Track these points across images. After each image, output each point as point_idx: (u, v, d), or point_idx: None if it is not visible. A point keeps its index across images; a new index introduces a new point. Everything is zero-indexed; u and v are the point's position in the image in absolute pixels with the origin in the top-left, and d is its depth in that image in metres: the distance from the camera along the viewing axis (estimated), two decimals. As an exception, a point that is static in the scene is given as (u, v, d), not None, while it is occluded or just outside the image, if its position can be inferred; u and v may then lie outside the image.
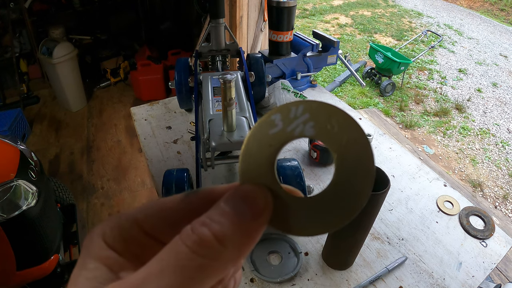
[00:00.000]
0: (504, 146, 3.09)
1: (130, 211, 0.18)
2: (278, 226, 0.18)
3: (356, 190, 0.17)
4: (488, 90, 3.97)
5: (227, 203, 0.16)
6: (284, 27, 1.14)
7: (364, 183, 0.17)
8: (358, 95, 3.62)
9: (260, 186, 0.18)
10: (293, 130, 0.18)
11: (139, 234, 0.17)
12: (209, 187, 0.18)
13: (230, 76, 0.60)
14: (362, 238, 0.65)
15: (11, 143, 1.25)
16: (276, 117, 0.18)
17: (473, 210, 0.83)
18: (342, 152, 0.17)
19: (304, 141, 1.03)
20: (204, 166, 0.73)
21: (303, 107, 0.17)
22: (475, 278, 0.69)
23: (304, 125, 0.17)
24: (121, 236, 0.17)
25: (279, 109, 0.18)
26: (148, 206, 0.18)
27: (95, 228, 0.17)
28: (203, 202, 0.18)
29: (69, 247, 1.50)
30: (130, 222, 0.17)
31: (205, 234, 0.15)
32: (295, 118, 0.17)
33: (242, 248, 0.16)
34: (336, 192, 0.18)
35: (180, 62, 1.00)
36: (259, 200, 0.17)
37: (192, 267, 0.14)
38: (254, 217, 0.16)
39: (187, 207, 0.18)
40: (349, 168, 0.17)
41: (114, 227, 0.17)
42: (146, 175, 2.25)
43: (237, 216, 0.16)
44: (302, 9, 6.15)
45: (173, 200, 0.18)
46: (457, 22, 6.08)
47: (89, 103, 3.03)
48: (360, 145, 0.17)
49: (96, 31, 3.31)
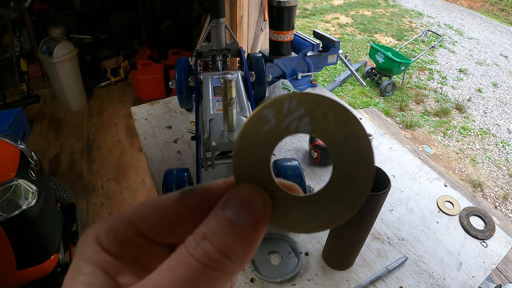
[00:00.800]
0: (504, 146, 3.09)
1: (124, 212, 0.17)
2: (278, 225, 0.18)
3: (356, 187, 0.17)
4: (489, 90, 3.96)
5: (226, 211, 0.16)
6: (285, 27, 1.14)
7: (364, 180, 0.17)
8: (359, 95, 3.62)
9: (258, 189, 0.17)
10: (287, 126, 0.17)
11: (135, 236, 0.17)
12: (205, 184, 0.18)
13: (230, 75, 0.60)
14: (362, 238, 0.65)
15: (11, 143, 1.25)
16: (268, 112, 0.17)
17: (474, 211, 0.83)
18: (340, 148, 0.17)
19: (304, 141, 1.03)
20: (204, 165, 0.73)
21: (297, 100, 0.16)
22: (475, 279, 0.69)
23: (299, 121, 0.16)
24: (116, 238, 0.17)
25: (272, 103, 0.16)
26: (143, 207, 0.17)
27: (88, 230, 0.17)
28: (200, 201, 0.17)
29: (69, 246, 1.50)
30: (125, 224, 0.17)
31: (209, 248, 0.15)
32: (289, 113, 0.16)
33: (246, 256, 0.16)
34: (336, 189, 0.17)
35: (181, 62, 1.00)
36: (258, 205, 0.16)
37: (201, 278, 0.14)
38: (254, 224, 0.16)
39: (184, 207, 0.17)
40: (348, 165, 0.17)
41: (108, 230, 0.17)
42: (146, 174, 2.25)
43: (238, 226, 0.15)
44: (302, 9, 6.15)
45: (169, 199, 0.17)
46: (457, 22, 6.08)
47: (89, 102, 3.03)
48: (359, 140, 0.16)
49: (97, 30, 3.31)
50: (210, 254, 0.15)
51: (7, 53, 2.90)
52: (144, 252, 0.17)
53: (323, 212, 0.17)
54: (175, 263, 0.15)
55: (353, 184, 0.17)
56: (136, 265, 0.17)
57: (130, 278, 0.16)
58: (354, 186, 0.17)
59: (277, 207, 0.18)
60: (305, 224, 0.18)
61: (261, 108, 0.17)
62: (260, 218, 0.16)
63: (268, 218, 0.17)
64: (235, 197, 0.16)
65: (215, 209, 0.16)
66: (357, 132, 0.16)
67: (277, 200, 0.18)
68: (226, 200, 0.16)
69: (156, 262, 0.16)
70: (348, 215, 0.17)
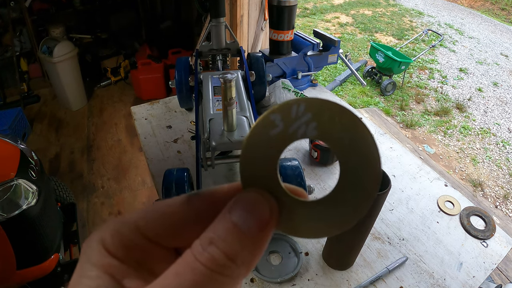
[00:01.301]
0: (504, 145, 3.08)
1: (130, 216, 0.17)
2: (284, 229, 0.18)
3: (363, 190, 0.17)
4: (489, 89, 3.96)
5: (232, 215, 0.16)
6: (285, 26, 1.14)
7: (370, 183, 0.17)
8: (359, 94, 3.62)
9: (265, 193, 0.17)
10: (295, 132, 0.17)
11: (141, 240, 0.17)
12: (210, 188, 0.18)
13: (230, 75, 0.60)
14: (362, 238, 0.65)
15: (11, 142, 1.25)
16: (276, 117, 0.17)
17: (474, 210, 0.83)
18: (347, 152, 0.17)
19: (304, 141, 1.03)
20: (204, 165, 0.73)
21: (305, 105, 0.16)
22: (475, 279, 0.69)
23: (306, 126, 0.17)
24: (122, 242, 0.17)
25: (279, 108, 0.17)
26: (149, 211, 0.17)
27: (93, 234, 0.17)
28: (206, 205, 0.17)
29: (69, 246, 1.50)
30: (131, 229, 0.17)
31: (216, 253, 0.15)
32: (297, 118, 0.16)
33: (252, 260, 0.16)
34: (342, 193, 0.17)
35: (181, 61, 1.00)
36: (264, 210, 0.16)
37: (207, 283, 0.15)
38: (261, 228, 0.16)
39: (190, 211, 0.17)
40: (354, 168, 0.17)
41: (114, 234, 0.17)
42: (146, 174, 2.25)
43: (244, 231, 0.16)
44: (302, 8, 6.14)
45: (174, 204, 0.17)
46: (458, 21, 6.07)
47: (89, 102, 3.03)
48: (366, 143, 0.16)
49: (97, 30, 3.31)
50: (216, 259, 0.15)
51: (7, 53, 2.90)
52: (150, 256, 0.17)
53: (329, 217, 0.17)
54: (181, 268, 0.15)
55: (359, 187, 0.17)
56: (142, 269, 0.17)
57: (136, 282, 0.16)
58: (360, 190, 0.17)
59: (283, 212, 0.18)
60: (311, 229, 0.18)
61: (268, 113, 0.17)
62: (267, 223, 0.16)
63: (275, 222, 0.17)
64: (241, 202, 0.16)
65: (221, 214, 0.16)
66: (363, 135, 0.16)
67: (283, 205, 0.18)
68: (233, 204, 0.16)
69: (162, 266, 0.16)
70: (355, 219, 0.17)
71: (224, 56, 1.05)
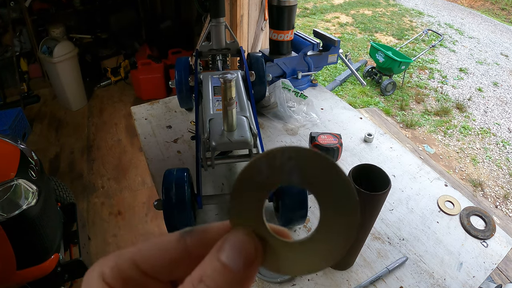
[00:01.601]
0: (504, 145, 3.08)
1: (128, 251, 0.19)
2: (269, 267, 0.19)
3: (341, 235, 0.18)
4: (489, 89, 3.96)
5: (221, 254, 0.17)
6: (285, 26, 1.14)
7: (348, 229, 0.18)
8: (359, 94, 3.62)
9: (251, 233, 0.18)
10: (278, 178, 0.18)
11: (138, 274, 0.18)
12: (202, 226, 0.19)
13: (230, 75, 0.60)
14: (362, 238, 0.65)
15: (11, 142, 1.25)
16: (261, 164, 0.18)
17: (474, 210, 0.83)
18: (327, 199, 0.18)
19: (304, 141, 1.03)
20: (204, 165, 0.73)
21: (289, 154, 0.18)
22: (475, 279, 0.69)
23: (289, 174, 0.18)
24: (121, 276, 0.18)
25: (265, 155, 0.18)
26: (146, 247, 0.19)
27: (93, 266, 0.18)
28: (198, 242, 0.19)
29: (69, 246, 1.50)
30: (128, 263, 0.18)
31: None
32: (281, 166, 0.18)
33: None
34: (323, 235, 0.18)
35: (181, 61, 1.00)
36: (250, 249, 0.18)
37: None
38: (246, 266, 0.17)
39: (183, 249, 0.19)
40: (334, 214, 0.18)
41: (113, 267, 0.18)
42: (146, 174, 2.25)
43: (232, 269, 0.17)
44: (302, 8, 6.15)
45: (169, 240, 0.19)
46: (458, 21, 6.07)
47: (89, 102, 3.03)
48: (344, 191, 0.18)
49: (97, 30, 3.31)
50: None
51: (7, 53, 2.90)
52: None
53: (312, 256, 0.19)
54: None
55: (337, 232, 0.18)
56: None
57: None
58: (338, 234, 0.18)
59: (268, 251, 0.19)
60: (293, 267, 0.19)
61: (255, 160, 0.18)
62: (252, 261, 0.18)
63: (260, 261, 0.18)
64: (229, 241, 0.18)
65: (211, 252, 0.18)
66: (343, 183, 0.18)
67: (268, 244, 0.19)
68: (221, 244, 0.18)
69: None
70: (336, 258, 0.18)
71: (224, 56, 1.05)
